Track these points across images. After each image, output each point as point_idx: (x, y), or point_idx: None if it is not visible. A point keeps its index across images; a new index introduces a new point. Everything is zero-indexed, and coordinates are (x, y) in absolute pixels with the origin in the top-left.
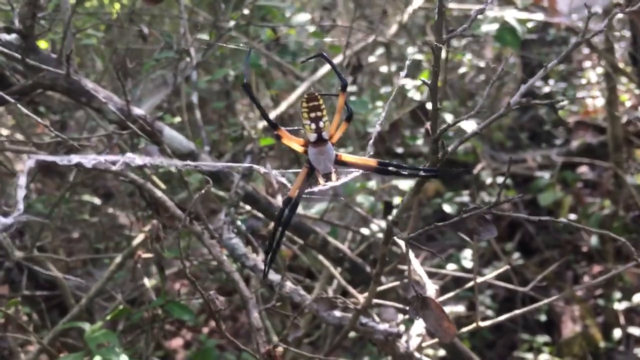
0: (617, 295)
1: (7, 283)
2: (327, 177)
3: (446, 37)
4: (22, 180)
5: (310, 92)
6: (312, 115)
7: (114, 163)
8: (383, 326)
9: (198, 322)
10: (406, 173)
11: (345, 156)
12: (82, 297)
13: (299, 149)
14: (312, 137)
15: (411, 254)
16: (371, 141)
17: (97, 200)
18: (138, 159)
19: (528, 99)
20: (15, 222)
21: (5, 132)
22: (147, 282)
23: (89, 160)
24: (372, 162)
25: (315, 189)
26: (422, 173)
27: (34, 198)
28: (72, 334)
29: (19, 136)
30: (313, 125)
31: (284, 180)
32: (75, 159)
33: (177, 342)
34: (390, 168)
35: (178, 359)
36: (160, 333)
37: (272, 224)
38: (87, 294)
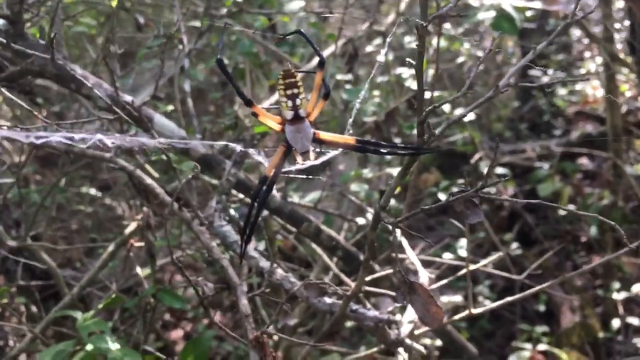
0: (616, 285)
1: (3, 273)
2: (305, 155)
3: (431, 16)
4: None
5: (286, 68)
6: (289, 92)
7: (82, 140)
8: (373, 313)
9: (198, 314)
10: (385, 151)
11: (323, 134)
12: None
13: (276, 127)
14: (289, 114)
15: (405, 242)
16: (350, 120)
17: (94, 191)
18: (107, 139)
19: (516, 81)
20: None
21: (4, 123)
22: (140, 271)
23: (55, 138)
24: (351, 140)
25: (293, 167)
26: (400, 151)
27: (32, 188)
28: (67, 323)
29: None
30: (290, 103)
31: (260, 158)
32: (40, 138)
33: (177, 334)
34: (369, 147)
35: (177, 350)
36: (155, 321)
37: (265, 213)
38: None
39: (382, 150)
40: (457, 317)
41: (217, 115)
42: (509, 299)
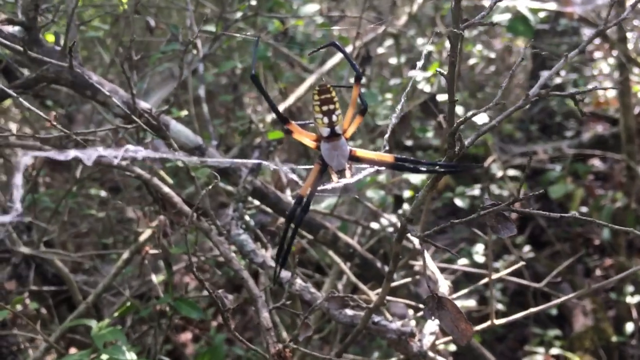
0: (630, 288)
1: (15, 278)
2: (341, 173)
3: (463, 25)
4: (18, 179)
5: (322, 83)
6: (325, 108)
7: (115, 157)
8: (395, 325)
9: (207, 316)
10: (424, 169)
11: (360, 152)
12: (89, 292)
13: (311, 144)
14: (325, 131)
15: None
16: (386, 136)
17: (104, 194)
18: (140, 152)
19: (546, 90)
20: (12, 221)
21: (13, 125)
22: (155, 279)
23: (87, 154)
24: (388, 157)
25: (329, 186)
26: (440, 169)
27: (41, 192)
28: (80, 329)
29: (27, 130)
30: (325, 119)
31: (294, 176)
32: (72, 153)
33: (186, 336)
34: (407, 164)
35: (187, 352)
36: (168, 329)
37: (281, 219)
38: (94, 289)
39: (421, 168)
40: (479, 327)
41: (228, 118)
42: (533, 310)
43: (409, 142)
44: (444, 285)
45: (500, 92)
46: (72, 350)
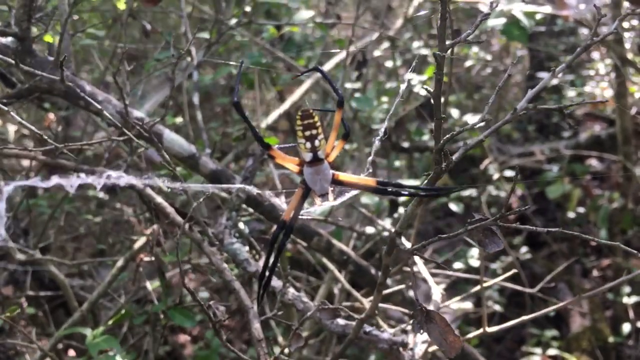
0: (627, 289)
1: (12, 283)
2: (324, 197)
3: (449, 43)
4: (1, 206)
5: (304, 108)
6: (307, 133)
7: (98, 184)
8: (387, 335)
9: (205, 318)
10: (406, 193)
11: (343, 175)
12: (86, 297)
13: (294, 168)
14: (307, 156)
15: (417, 259)
16: (369, 159)
17: (101, 195)
18: (122, 179)
19: (534, 104)
20: None
21: (12, 128)
22: (149, 286)
23: (69, 182)
24: (371, 181)
25: (312, 209)
26: (422, 193)
27: (39, 196)
28: (76, 336)
29: (25, 132)
30: (308, 144)
31: (277, 200)
32: (54, 180)
33: (184, 337)
34: (390, 188)
35: (185, 353)
36: (163, 334)
37: (275, 227)
38: (90, 293)
39: (403, 192)
40: (471, 335)
41: (225, 120)
42: (525, 317)
43: (405, 144)
44: (436, 293)
45: (487, 108)
46: (71, 352)
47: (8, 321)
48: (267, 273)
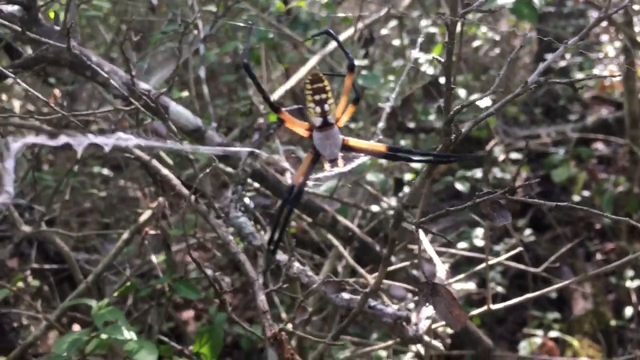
0: (630, 273)
1: (17, 256)
2: (333, 162)
3: (462, 11)
4: (10, 164)
5: (314, 72)
6: (317, 97)
7: (106, 144)
8: (391, 309)
9: (209, 294)
10: (417, 159)
11: (352, 141)
12: (91, 270)
13: (304, 133)
14: (317, 121)
15: (422, 236)
16: (379, 124)
17: (106, 172)
18: (131, 140)
19: (546, 77)
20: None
21: (17, 102)
22: (155, 259)
23: (77, 141)
24: (381, 147)
25: (321, 174)
26: (433, 159)
27: (44, 170)
28: (81, 307)
29: (30, 107)
30: (318, 109)
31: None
32: (63, 139)
33: (188, 314)
34: (400, 154)
35: (189, 330)
36: (168, 306)
37: (279, 202)
38: (95, 267)
39: (414, 157)
40: (475, 312)
41: (230, 98)
42: (529, 295)
43: (411, 124)
44: (441, 270)
45: (497, 80)
46: (76, 327)
47: (14, 291)
48: (276, 234)
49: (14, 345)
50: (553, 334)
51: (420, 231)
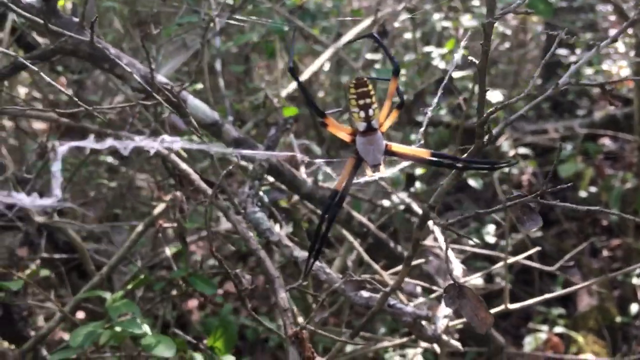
0: (637, 270)
1: (27, 245)
2: (376, 168)
3: (500, 13)
4: (57, 166)
5: (358, 77)
6: (361, 102)
7: (152, 147)
8: (411, 308)
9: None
10: (460, 165)
11: (396, 146)
12: (101, 260)
13: (347, 138)
14: (361, 126)
15: (438, 231)
16: (421, 130)
17: (114, 161)
18: (177, 143)
19: (576, 79)
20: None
21: (22, 89)
22: (168, 251)
23: (124, 144)
24: (425, 152)
25: (362, 180)
26: (477, 166)
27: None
28: (93, 299)
29: (36, 94)
30: (362, 113)
31: (328, 169)
32: (109, 142)
33: (192, 303)
34: (444, 161)
35: (193, 319)
36: (179, 299)
37: (295, 197)
38: (105, 257)
39: (458, 165)
40: (493, 311)
41: (239, 89)
42: (547, 296)
43: (420, 118)
44: (458, 268)
45: (532, 83)
46: (80, 314)
47: (27, 281)
48: (318, 242)
49: (22, 334)
50: (558, 329)
51: (437, 228)
